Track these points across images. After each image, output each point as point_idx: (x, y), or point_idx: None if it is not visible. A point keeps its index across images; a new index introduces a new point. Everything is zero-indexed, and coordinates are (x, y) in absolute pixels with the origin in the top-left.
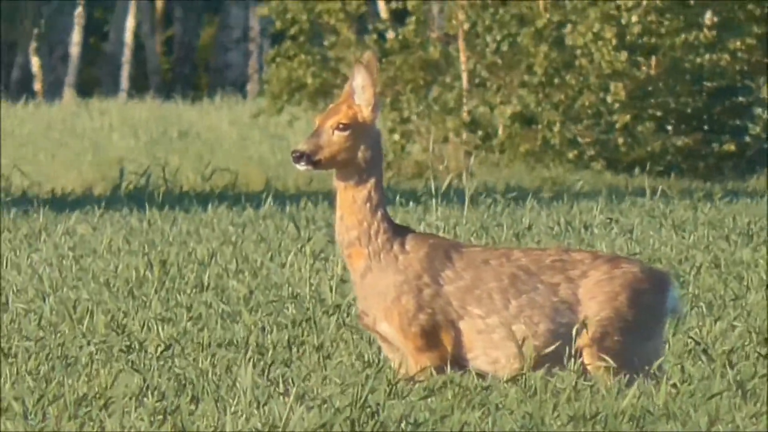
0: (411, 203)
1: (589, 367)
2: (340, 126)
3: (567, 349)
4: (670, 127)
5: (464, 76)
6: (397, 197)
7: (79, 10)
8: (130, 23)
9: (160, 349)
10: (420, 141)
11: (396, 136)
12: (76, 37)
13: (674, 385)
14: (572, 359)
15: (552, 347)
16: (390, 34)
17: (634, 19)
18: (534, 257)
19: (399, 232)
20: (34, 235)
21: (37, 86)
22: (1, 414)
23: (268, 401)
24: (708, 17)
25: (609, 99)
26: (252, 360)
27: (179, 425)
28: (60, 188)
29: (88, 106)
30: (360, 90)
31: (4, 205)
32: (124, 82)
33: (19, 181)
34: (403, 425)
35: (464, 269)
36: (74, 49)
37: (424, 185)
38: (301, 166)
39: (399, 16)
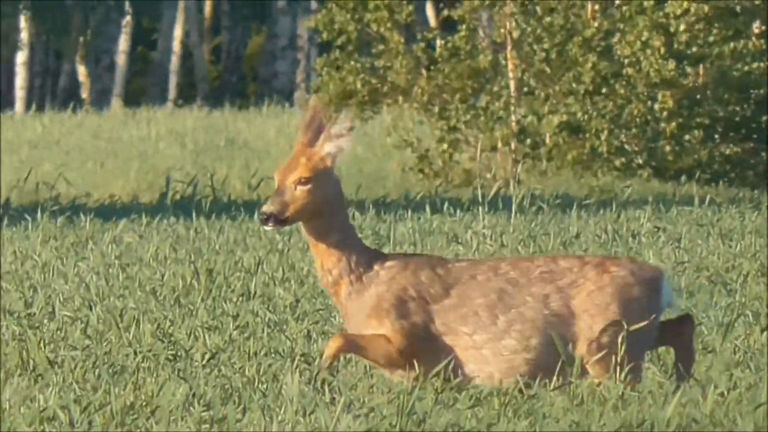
0: (458, 211)
1: (596, 379)
2: (302, 180)
3: (562, 360)
4: (717, 136)
5: (512, 85)
6: (445, 205)
7: (127, 19)
8: (178, 32)
9: (206, 358)
10: (468, 149)
11: (444, 145)
12: (123, 45)
13: (721, 394)
14: (618, 369)
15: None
16: (438, 43)
17: (682, 27)
18: (522, 269)
19: (379, 255)
20: (81, 244)
21: (85, 95)
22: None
23: (314, 410)
24: (756, 26)
25: (657, 107)
26: (298, 368)
27: None
28: (107, 197)
29: (135, 115)
30: (334, 137)
31: (51, 214)
32: (172, 90)
33: (66, 190)
34: None
35: (451, 286)
36: (121, 58)
37: (471, 193)
38: (269, 227)
39: (447, 25)
